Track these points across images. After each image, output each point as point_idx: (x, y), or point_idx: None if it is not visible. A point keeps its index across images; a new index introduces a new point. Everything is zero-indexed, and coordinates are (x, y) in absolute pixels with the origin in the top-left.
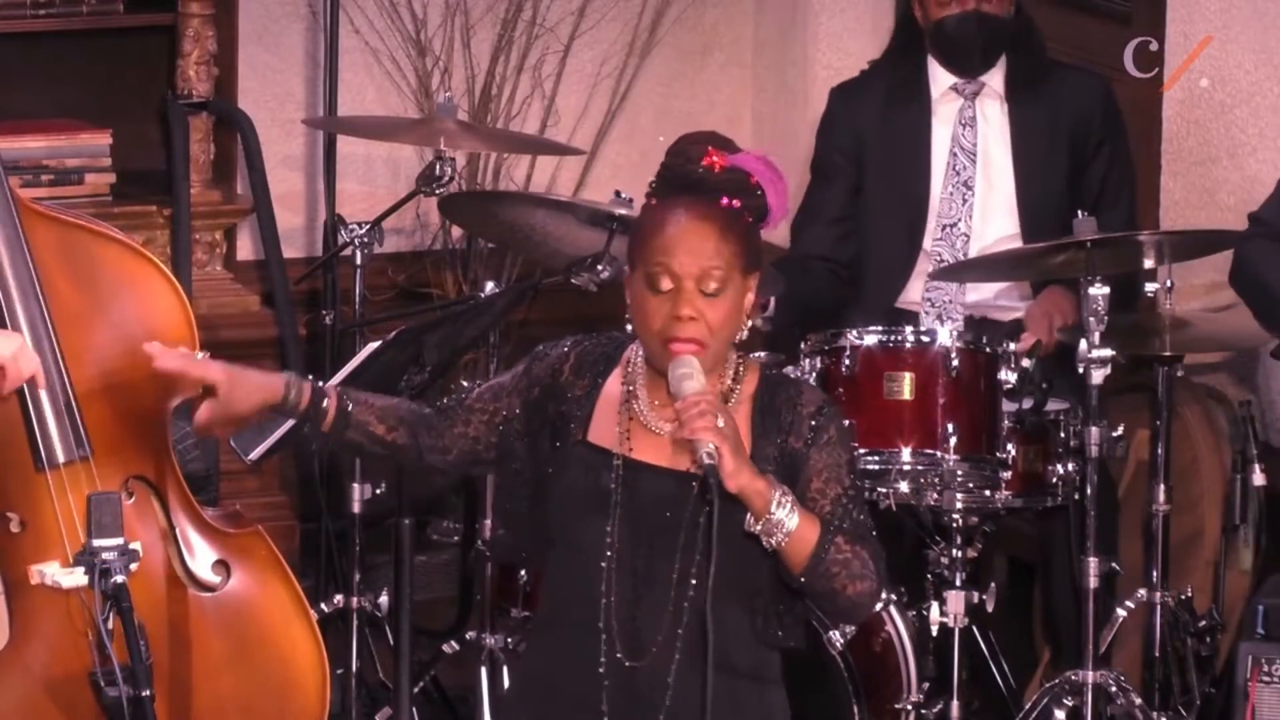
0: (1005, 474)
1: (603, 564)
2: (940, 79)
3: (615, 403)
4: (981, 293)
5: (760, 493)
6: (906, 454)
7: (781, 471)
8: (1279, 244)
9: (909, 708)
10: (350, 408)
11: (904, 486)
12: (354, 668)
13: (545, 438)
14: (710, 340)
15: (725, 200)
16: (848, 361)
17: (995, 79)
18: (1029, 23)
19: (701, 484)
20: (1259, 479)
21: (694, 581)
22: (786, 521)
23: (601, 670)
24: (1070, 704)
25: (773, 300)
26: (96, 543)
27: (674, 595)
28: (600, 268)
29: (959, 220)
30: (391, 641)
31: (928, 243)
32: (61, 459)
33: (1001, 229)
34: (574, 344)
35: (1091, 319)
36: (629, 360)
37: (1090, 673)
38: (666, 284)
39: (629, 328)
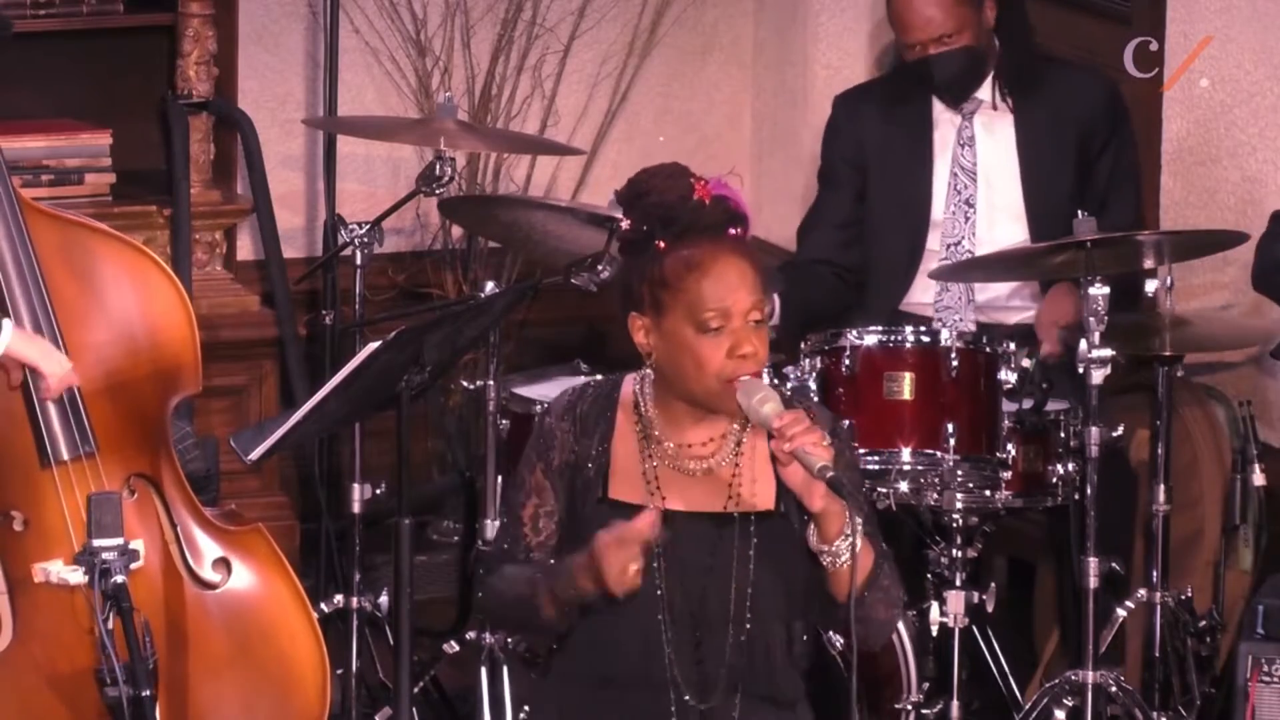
0: (1005, 474)
1: (659, 617)
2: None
3: (631, 451)
4: (990, 293)
5: (837, 514)
6: (906, 454)
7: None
8: None
9: (909, 708)
10: None
11: (904, 486)
12: (354, 668)
13: (573, 505)
14: (761, 367)
15: (733, 230)
16: (848, 361)
17: (988, 91)
18: (1017, 23)
19: (833, 485)
20: (1259, 479)
21: (749, 616)
22: (856, 544)
23: (674, 717)
24: (1070, 704)
25: (776, 298)
26: (96, 543)
27: (732, 632)
28: (600, 268)
29: (962, 238)
30: (391, 641)
31: (933, 260)
32: (66, 455)
33: (1009, 239)
34: (567, 409)
35: (1091, 319)
36: (632, 403)
37: (1090, 673)
38: (718, 323)
39: (649, 370)
